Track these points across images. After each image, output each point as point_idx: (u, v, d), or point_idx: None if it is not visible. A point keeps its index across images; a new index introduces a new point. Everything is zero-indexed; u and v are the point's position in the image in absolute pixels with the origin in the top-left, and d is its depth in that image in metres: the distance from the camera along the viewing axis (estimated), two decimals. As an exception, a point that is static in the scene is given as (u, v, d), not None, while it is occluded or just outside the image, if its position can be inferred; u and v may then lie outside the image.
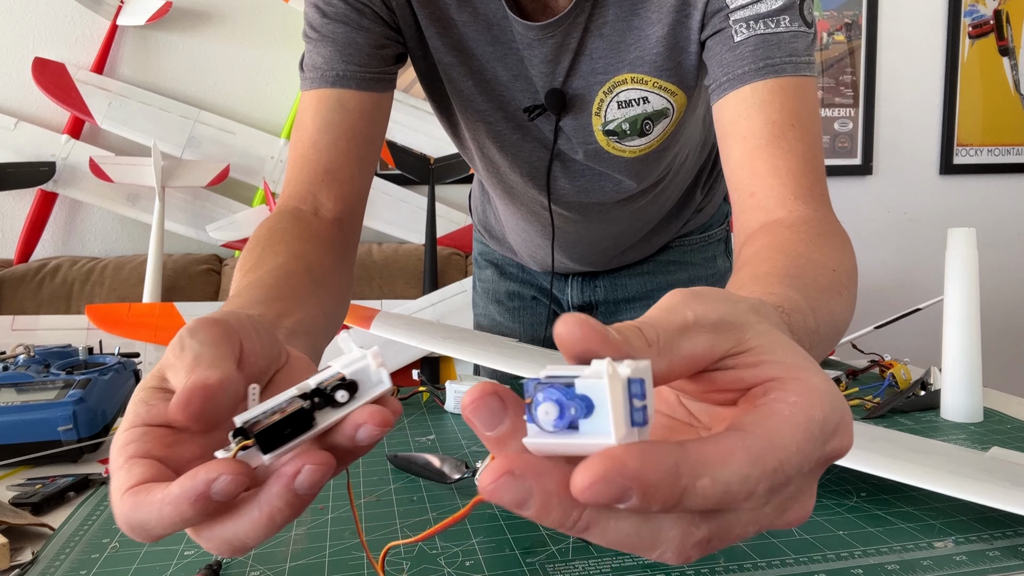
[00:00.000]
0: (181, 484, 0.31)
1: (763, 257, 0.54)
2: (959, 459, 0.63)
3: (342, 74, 0.74)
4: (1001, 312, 2.84)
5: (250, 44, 2.41)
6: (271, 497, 0.32)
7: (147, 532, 0.32)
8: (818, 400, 0.28)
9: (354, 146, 0.75)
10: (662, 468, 0.24)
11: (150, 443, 0.35)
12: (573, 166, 0.88)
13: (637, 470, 0.24)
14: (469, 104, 0.82)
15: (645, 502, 0.24)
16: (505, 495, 0.25)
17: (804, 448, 0.27)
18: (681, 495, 0.24)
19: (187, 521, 0.31)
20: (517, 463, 0.25)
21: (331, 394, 0.33)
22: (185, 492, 0.31)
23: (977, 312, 0.81)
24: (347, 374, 0.33)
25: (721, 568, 0.51)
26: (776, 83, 0.67)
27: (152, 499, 0.32)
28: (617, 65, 0.77)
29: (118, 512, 0.33)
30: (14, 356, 0.88)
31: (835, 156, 2.75)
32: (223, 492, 0.31)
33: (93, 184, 2.25)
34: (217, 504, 0.31)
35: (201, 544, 0.34)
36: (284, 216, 0.71)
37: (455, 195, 2.51)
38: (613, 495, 0.24)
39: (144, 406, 0.36)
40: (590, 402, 0.25)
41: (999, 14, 2.80)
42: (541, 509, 0.25)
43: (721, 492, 0.25)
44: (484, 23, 0.77)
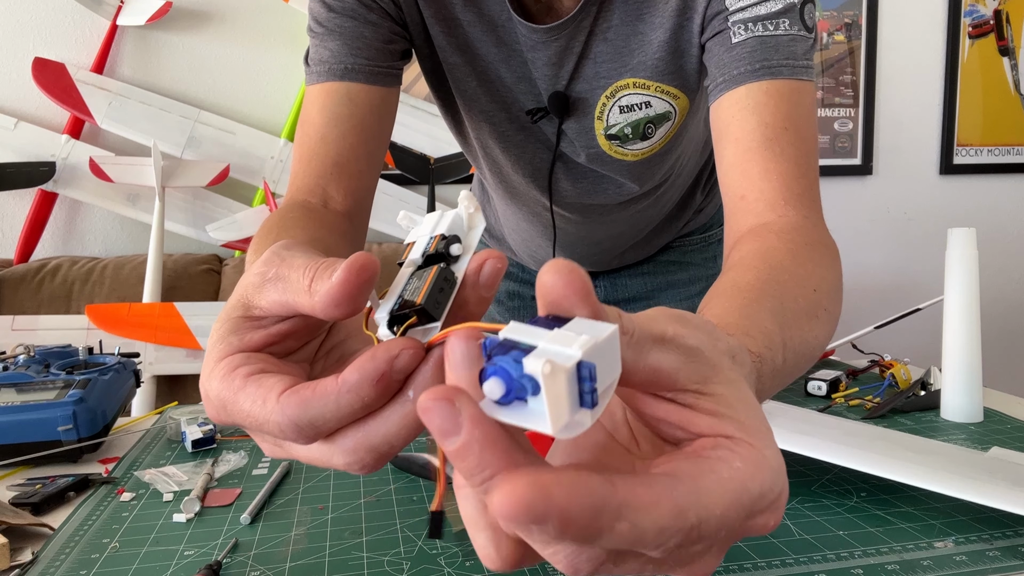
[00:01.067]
0: (360, 368, 0.29)
1: (747, 265, 0.54)
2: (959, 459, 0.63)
3: (350, 67, 0.73)
4: (1001, 312, 2.84)
5: (250, 44, 2.41)
6: (426, 381, 0.30)
7: (317, 429, 0.30)
8: (760, 474, 0.27)
9: (362, 140, 0.74)
10: (586, 506, 0.23)
11: (262, 364, 0.33)
12: (576, 168, 0.88)
13: (562, 506, 0.23)
14: (473, 103, 0.82)
15: (560, 534, 0.23)
16: (435, 417, 0.24)
17: (727, 515, 0.26)
18: (597, 535, 0.24)
19: (366, 407, 0.30)
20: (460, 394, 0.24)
21: (447, 252, 0.32)
22: (366, 375, 0.29)
23: (977, 312, 0.81)
24: (444, 231, 0.32)
25: (721, 568, 0.51)
26: (772, 85, 0.67)
27: (325, 391, 0.30)
28: (620, 70, 0.77)
29: (279, 416, 0.30)
30: (14, 356, 0.88)
31: (835, 156, 2.75)
32: (405, 368, 0.30)
33: (93, 184, 2.25)
34: (396, 385, 0.30)
35: (336, 461, 0.32)
36: (294, 207, 0.70)
37: (455, 195, 2.51)
38: (530, 521, 0.23)
39: (235, 336, 0.34)
40: (536, 384, 0.24)
41: (999, 14, 2.80)
42: (461, 449, 0.24)
43: (635, 538, 0.24)
44: (489, 24, 0.77)
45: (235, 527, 0.60)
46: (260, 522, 0.61)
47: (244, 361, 0.33)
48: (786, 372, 0.45)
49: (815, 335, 0.51)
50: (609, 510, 0.24)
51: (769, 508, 0.28)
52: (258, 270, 0.33)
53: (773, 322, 0.45)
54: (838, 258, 0.62)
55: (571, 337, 0.24)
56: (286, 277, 0.32)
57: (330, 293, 0.30)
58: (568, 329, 0.25)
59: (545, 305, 0.26)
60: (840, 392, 0.92)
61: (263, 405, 0.31)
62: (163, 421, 0.90)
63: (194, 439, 0.78)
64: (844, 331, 1.09)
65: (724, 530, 0.26)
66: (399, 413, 0.31)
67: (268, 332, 0.34)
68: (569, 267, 0.26)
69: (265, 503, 0.64)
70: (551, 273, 0.26)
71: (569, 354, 0.24)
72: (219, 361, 0.33)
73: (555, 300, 0.26)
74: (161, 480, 0.70)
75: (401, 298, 0.30)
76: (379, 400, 0.30)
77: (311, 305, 0.31)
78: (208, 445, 0.79)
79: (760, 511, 0.27)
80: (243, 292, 0.34)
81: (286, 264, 0.32)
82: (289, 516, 0.62)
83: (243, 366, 0.32)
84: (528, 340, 0.24)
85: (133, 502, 0.66)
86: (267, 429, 0.31)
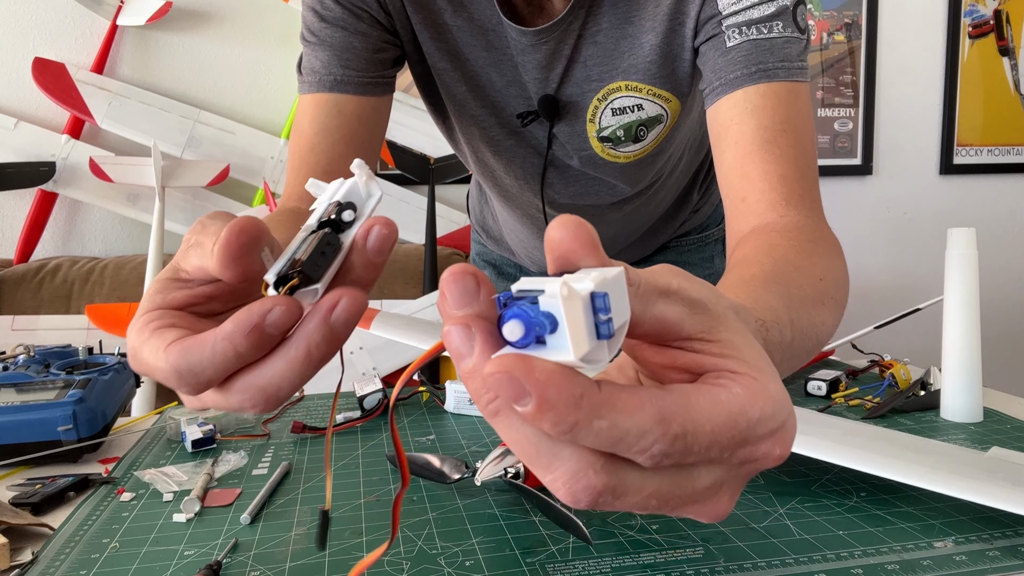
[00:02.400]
0: (235, 320, 0.31)
1: (751, 260, 0.55)
2: (959, 459, 0.63)
3: (339, 79, 0.75)
4: (1001, 312, 2.84)
5: (250, 44, 2.41)
6: (309, 332, 0.32)
7: (196, 377, 0.32)
8: (760, 400, 0.28)
9: (352, 150, 0.76)
10: (566, 391, 0.24)
11: (174, 319, 0.35)
12: (568, 172, 0.88)
13: (540, 382, 0.24)
14: (463, 109, 0.82)
15: (538, 413, 0.24)
16: (454, 340, 0.26)
17: (719, 433, 0.27)
18: (574, 425, 0.25)
19: (240, 357, 0.32)
20: (478, 322, 0.26)
21: (338, 218, 0.33)
22: (240, 326, 0.31)
23: (977, 312, 0.81)
24: (340, 198, 0.34)
25: (721, 568, 0.51)
26: (768, 88, 0.67)
27: (203, 340, 0.32)
28: (611, 72, 0.77)
29: (163, 365, 0.33)
30: (14, 356, 0.88)
31: (835, 156, 2.75)
32: (277, 324, 0.31)
33: (93, 184, 2.25)
34: (269, 338, 0.31)
35: (231, 401, 0.33)
36: (287, 212, 0.72)
37: (455, 195, 2.51)
38: (510, 392, 0.24)
39: (159, 295, 0.36)
40: (554, 319, 0.25)
41: (999, 14, 2.80)
42: (471, 370, 0.26)
43: (616, 438, 0.25)
44: (478, 28, 0.77)
45: (235, 527, 0.60)
46: (260, 522, 0.61)
47: (158, 317, 0.35)
48: (794, 351, 0.45)
49: (822, 320, 0.51)
50: (589, 403, 0.25)
51: (773, 436, 0.28)
52: (186, 236, 0.36)
53: (780, 303, 0.45)
54: (842, 253, 0.62)
55: (580, 276, 0.26)
56: (203, 243, 0.34)
57: (217, 254, 0.32)
58: (577, 275, 0.26)
59: (554, 260, 0.27)
60: (840, 392, 0.92)
61: (155, 355, 0.33)
62: (163, 421, 0.90)
63: (194, 439, 0.78)
64: (844, 331, 1.09)
65: (716, 448, 0.27)
66: (283, 359, 0.32)
67: (192, 292, 0.36)
68: (576, 221, 0.27)
69: (265, 503, 0.64)
70: (558, 228, 0.27)
71: (583, 285, 0.25)
72: (140, 315, 0.36)
73: (563, 253, 0.27)
74: (161, 480, 0.70)
75: (291, 260, 0.32)
76: (252, 350, 0.32)
77: (212, 264, 0.33)
78: (208, 445, 0.79)
79: (761, 437, 0.28)
80: (176, 257, 0.37)
81: (205, 231, 0.34)
82: (289, 516, 0.62)
83: (155, 320, 0.35)
84: (539, 287, 0.26)
85: (133, 502, 0.66)
86: (157, 376, 0.34)
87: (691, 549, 0.54)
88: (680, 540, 0.55)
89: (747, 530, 0.56)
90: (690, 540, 0.55)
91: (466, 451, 0.76)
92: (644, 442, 0.25)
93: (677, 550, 0.54)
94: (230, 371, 0.32)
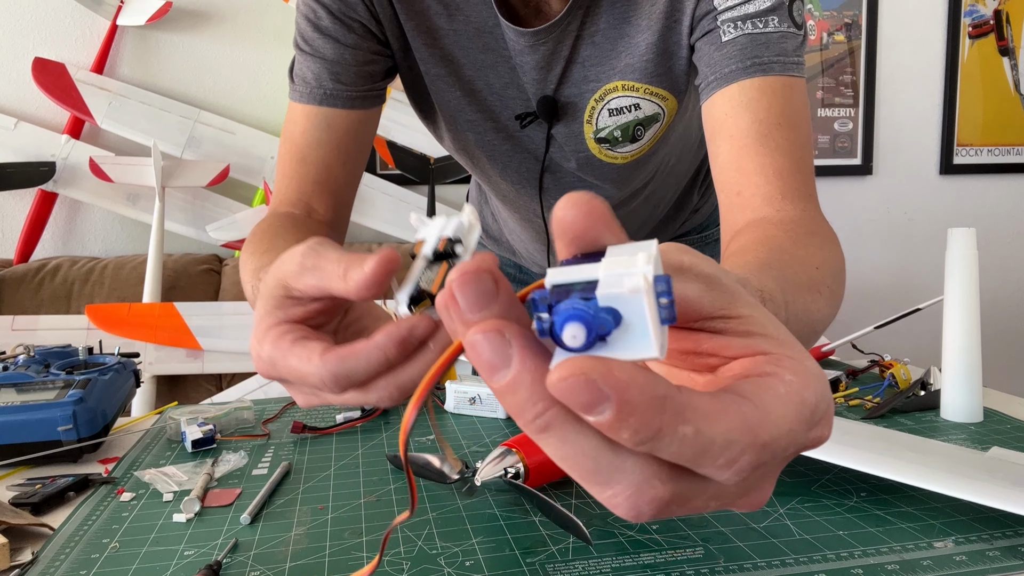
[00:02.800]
0: (386, 333, 0.37)
1: (746, 250, 0.54)
2: (959, 459, 0.63)
3: (330, 92, 0.76)
4: (1001, 312, 2.84)
5: (250, 44, 2.41)
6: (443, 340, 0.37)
7: (350, 379, 0.38)
8: (812, 383, 0.26)
9: (341, 161, 0.78)
10: (648, 394, 0.22)
11: (303, 332, 0.40)
12: (564, 177, 0.88)
13: (622, 383, 0.22)
14: (458, 114, 0.82)
15: (617, 421, 0.22)
16: (485, 350, 0.23)
17: (794, 430, 0.25)
18: (657, 432, 0.22)
19: (389, 363, 0.37)
20: (510, 327, 0.23)
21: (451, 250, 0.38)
22: (392, 338, 0.37)
23: (977, 312, 0.81)
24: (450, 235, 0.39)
25: (721, 568, 0.51)
26: (764, 82, 0.67)
27: (357, 349, 0.37)
28: (609, 73, 0.77)
29: (321, 370, 0.37)
30: (14, 356, 0.88)
31: (835, 156, 2.75)
32: (421, 335, 0.37)
33: (93, 184, 2.25)
34: (412, 347, 0.37)
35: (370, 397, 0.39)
36: (281, 217, 0.74)
37: (455, 195, 2.51)
38: (586, 398, 0.22)
39: (280, 311, 0.41)
40: (617, 314, 0.22)
41: (999, 14, 2.80)
42: (512, 383, 0.23)
43: (700, 447, 0.23)
44: (475, 31, 0.76)
45: (235, 527, 0.60)
46: (260, 522, 0.61)
47: (290, 330, 0.40)
48: None
49: (817, 307, 0.51)
50: (673, 406, 0.22)
51: (823, 418, 0.27)
52: (297, 260, 0.40)
53: (774, 285, 0.44)
54: (839, 245, 0.62)
55: (624, 261, 0.23)
56: (322, 267, 0.39)
57: (364, 279, 0.37)
58: (611, 256, 0.24)
59: (568, 241, 0.25)
60: (840, 392, 0.92)
61: (308, 362, 0.38)
62: (163, 421, 0.90)
63: (194, 439, 0.78)
64: (844, 331, 1.09)
65: (792, 447, 0.25)
66: (421, 361, 0.38)
67: (307, 309, 0.41)
68: (586, 197, 0.25)
69: (265, 503, 0.64)
70: (568, 207, 0.25)
71: (643, 271, 0.23)
72: (269, 329, 0.40)
73: (579, 234, 0.25)
74: (161, 480, 0.70)
75: (417, 286, 0.38)
76: (398, 357, 0.37)
77: (345, 289, 0.38)
78: (208, 445, 0.79)
79: (816, 422, 0.26)
80: (281, 277, 0.41)
81: (322, 257, 0.39)
82: (289, 516, 0.62)
83: (290, 333, 0.40)
84: (582, 278, 0.23)
85: (133, 502, 0.66)
86: (310, 381, 0.38)
87: (691, 549, 0.54)
88: (680, 540, 0.55)
89: (747, 530, 0.56)
90: (690, 540, 0.55)
91: (466, 451, 0.76)
92: (731, 452, 0.23)
93: (677, 550, 0.54)
94: (377, 374, 0.38)
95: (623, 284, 0.22)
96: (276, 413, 0.91)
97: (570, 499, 0.63)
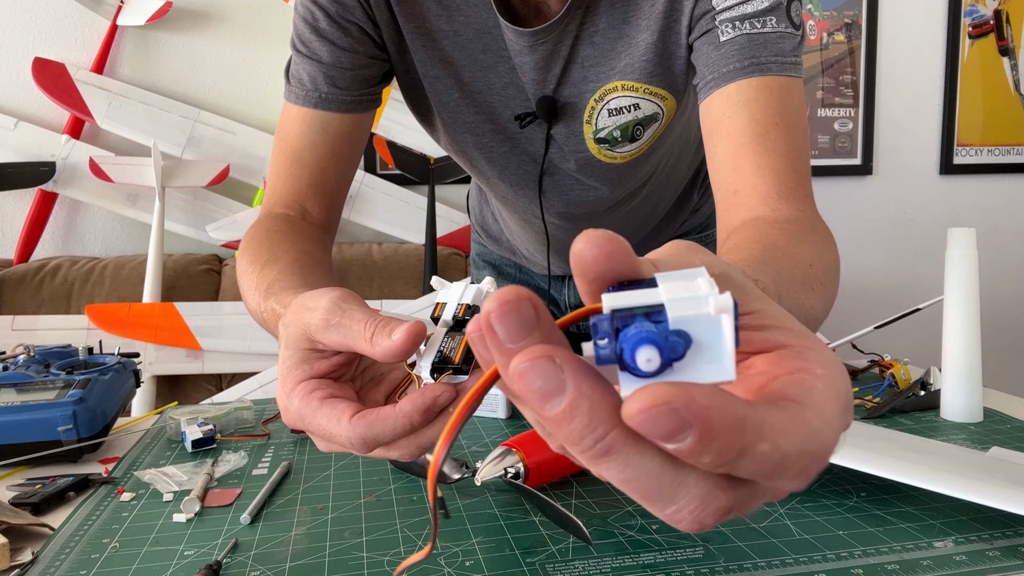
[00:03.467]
0: (411, 401, 0.41)
1: (741, 247, 0.55)
2: (959, 459, 0.63)
3: (325, 96, 0.77)
4: (1001, 312, 2.84)
5: (250, 44, 2.41)
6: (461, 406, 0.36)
7: (377, 441, 0.41)
8: (838, 373, 0.26)
9: (334, 163, 0.79)
10: (730, 416, 0.21)
11: (331, 388, 0.44)
12: (562, 180, 0.88)
13: (704, 408, 0.21)
14: (456, 116, 0.82)
15: (700, 447, 0.21)
16: (536, 378, 0.22)
17: (843, 422, 0.25)
18: (739, 453, 0.22)
19: (413, 428, 0.41)
20: (559, 352, 0.23)
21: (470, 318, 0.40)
22: (416, 407, 0.40)
23: (977, 312, 0.81)
24: (469, 302, 0.43)
25: (721, 568, 0.51)
26: (761, 82, 0.67)
27: (384, 416, 0.41)
28: (608, 73, 0.77)
29: (349, 433, 0.41)
30: (14, 356, 0.88)
31: (835, 156, 2.75)
32: (443, 404, 0.41)
33: (93, 184, 2.25)
34: (435, 414, 0.41)
35: (392, 454, 0.43)
36: (277, 219, 0.74)
37: (455, 195, 2.51)
38: (668, 428, 0.21)
39: (306, 364, 0.44)
40: (688, 337, 0.22)
41: (999, 14, 2.80)
42: (568, 409, 0.22)
43: (777, 462, 0.23)
44: (474, 32, 0.76)
45: (235, 527, 0.60)
46: (260, 522, 0.61)
47: (317, 386, 0.44)
48: None
49: (811, 304, 0.51)
50: (752, 425, 0.22)
51: (850, 405, 0.27)
52: (322, 315, 0.43)
53: (768, 279, 0.45)
54: (834, 243, 0.62)
55: (682, 286, 0.23)
56: (348, 327, 0.42)
57: (392, 348, 0.41)
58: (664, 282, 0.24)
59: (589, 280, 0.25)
60: (840, 392, 0.92)
61: (337, 424, 0.42)
62: (163, 421, 0.90)
63: (194, 439, 0.78)
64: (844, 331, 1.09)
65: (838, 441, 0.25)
66: (440, 423, 0.42)
67: (331, 363, 0.45)
68: (606, 237, 0.24)
69: (265, 503, 0.64)
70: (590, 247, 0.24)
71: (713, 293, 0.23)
72: (297, 384, 0.44)
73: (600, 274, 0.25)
74: (161, 480, 0.70)
75: (440, 353, 0.42)
76: (422, 424, 0.41)
77: (371, 351, 0.41)
78: (208, 445, 0.79)
79: (848, 409, 0.26)
80: (305, 329, 0.44)
81: (347, 316, 0.43)
82: (289, 516, 0.62)
83: (317, 390, 0.43)
84: (643, 302, 0.23)
85: (133, 502, 0.66)
86: (338, 441, 0.42)
87: (691, 549, 0.54)
88: (680, 540, 0.55)
89: (747, 530, 0.56)
90: (690, 540, 0.55)
91: (466, 451, 0.76)
92: (803, 462, 0.23)
93: (677, 550, 0.54)
94: (402, 436, 0.41)
95: (703, 306, 0.22)
96: (276, 413, 0.91)
97: (570, 499, 0.63)
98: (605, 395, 0.23)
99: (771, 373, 0.26)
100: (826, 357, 0.26)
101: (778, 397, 0.25)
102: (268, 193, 0.80)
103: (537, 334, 0.24)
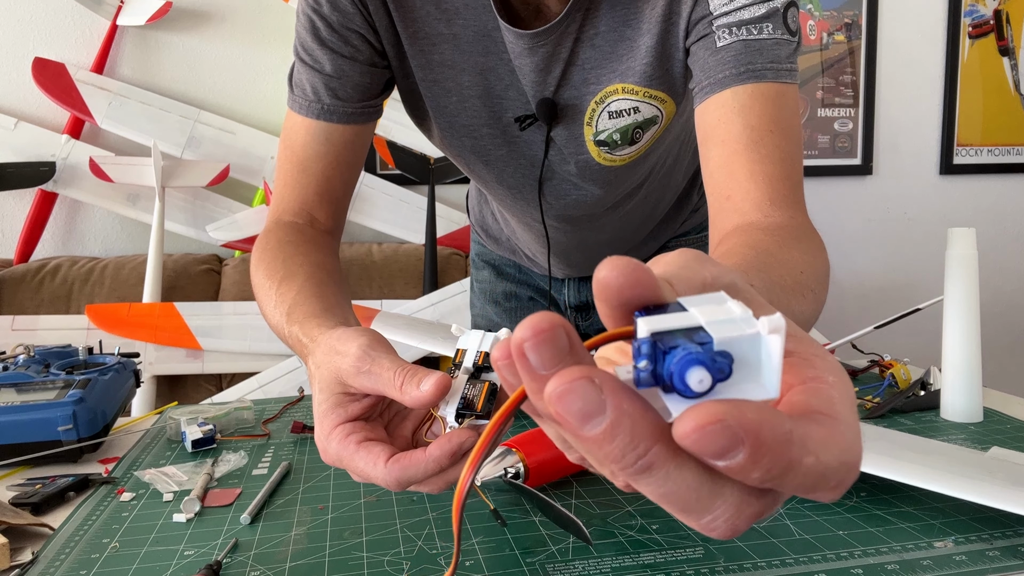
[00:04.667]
0: (440, 447, 0.45)
1: (733, 252, 0.55)
2: (959, 459, 0.63)
3: (328, 108, 0.78)
4: (1001, 312, 2.84)
5: (250, 44, 2.41)
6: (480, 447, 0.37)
7: (410, 482, 0.46)
8: (844, 377, 0.27)
9: (339, 172, 0.80)
10: (779, 431, 0.22)
11: (365, 431, 0.49)
12: (559, 184, 0.88)
13: (755, 424, 0.21)
14: (454, 120, 0.82)
15: (751, 463, 0.22)
16: (576, 400, 0.23)
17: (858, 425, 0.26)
18: (786, 468, 0.22)
19: (441, 469, 0.46)
20: (596, 372, 0.23)
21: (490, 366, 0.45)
22: (445, 452, 0.45)
23: (977, 312, 0.81)
24: (487, 349, 0.47)
25: (721, 568, 0.51)
26: (757, 88, 0.67)
27: (416, 461, 0.46)
28: (608, 75, 0.77)
29: (386, 475, 0.46)
30: (14, 356, 0.88)
31: (835, 156, 2.75)
32: (469, 448, 0.45)
33: (93, 184, 2.25)
34: (460, 457, 0.46)
35: (422, 489, 0.47)
36: (288, 229, 0.76)
37: (455, 195, 2.51)
38: (721, 446, 0.22)
39: (341, 408, 0.49)
40: (731, 357, 0.23)
41: (999, 14, 2.80)
42: (610, 429, 0.23)
43: (820, 475, 0.23)
44: (474, 35, 0.76)
45: (235, 527, 0.60)
46: (260, 522, 0.61)
47: (352, 430, 0.48)
48: None
49: (801, 310, 0.51)
50: (798, 441, 0.22)
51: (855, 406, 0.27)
52: (353, 363, 0.48)
53: (760, 285, 0.45)
54: (824, 251, 0.62)
55: (714, 309, 0.24)
56: (378, 374, 0.47)
57: (420, 398, 0.46)
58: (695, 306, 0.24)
59: (613, 306, 0.25)
60: (840, 392, 0.92)
61: (374, 467, 0.47)
62: (163, 421, 0.90)
63: (194, 439, 0.78)
64: (844, 331, 1.09)
65: None
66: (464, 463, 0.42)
67: (363, 405, 0.50)
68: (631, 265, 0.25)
69: (265, 503, 0.64)
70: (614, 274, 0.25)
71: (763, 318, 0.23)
72: (334, 428, 0.49)
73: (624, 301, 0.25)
74: (161, 480, 0.70)
75: (464, 399, 0.47)
76: (449, 465, 0.46)
77: (400, 398, 0.46)
78: (208, 445, 0.79)
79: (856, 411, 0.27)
80: (337, 373, 0.49)
81: (377, 364, 0.47)
82: (289, 516, 0.62)
83: (353, 434, 0.48)
84: (681, 324, 0.24)
85: (133, 502, 0.66)
86: (375, 481, 0.47)
87: (691, 549, 0.54)
88: (680, 540, 0.55)
89: (747, 530, 0.56)
90: (690, 540, 0.55)
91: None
92: (840, 474, 0.24)
93: (677, 550, 0.54)
94: (432, 476, 0.46)
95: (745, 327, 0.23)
96: (276, 413, 0.91)
97: (570, 499, 0.63)
98: (645, 413, 0.23)
99: (784, 382, 0.27)
100: (832, 364, 0.27)
101: (811, 410, 0.25)
102: (276, 200, 0.81)
103: (569, 360, 0.24)
